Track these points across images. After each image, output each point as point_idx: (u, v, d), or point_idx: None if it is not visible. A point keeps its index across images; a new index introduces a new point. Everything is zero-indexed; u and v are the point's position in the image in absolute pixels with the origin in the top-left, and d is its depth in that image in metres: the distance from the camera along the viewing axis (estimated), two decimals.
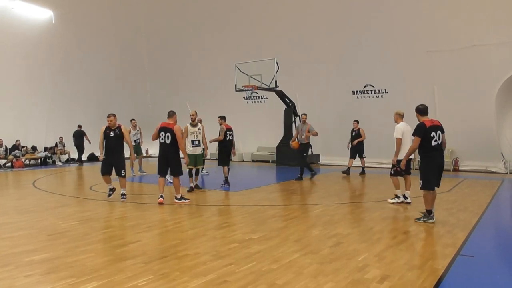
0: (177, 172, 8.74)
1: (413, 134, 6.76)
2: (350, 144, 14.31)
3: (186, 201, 8.77)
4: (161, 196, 8.71)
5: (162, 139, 8.66)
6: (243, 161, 20.57)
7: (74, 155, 20.33)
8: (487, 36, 14.14)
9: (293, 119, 17.72)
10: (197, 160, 10.21)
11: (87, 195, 9.98)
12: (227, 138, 11.10)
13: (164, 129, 8.65)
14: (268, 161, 19.45)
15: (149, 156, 24.42)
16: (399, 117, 8.56)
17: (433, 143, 6.59)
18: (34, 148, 19.41)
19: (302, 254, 5.08)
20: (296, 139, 12.61)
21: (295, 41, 18.19)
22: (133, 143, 13.22)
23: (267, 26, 18.86)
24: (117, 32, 21.60)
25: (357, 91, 17.52)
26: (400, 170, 7.95)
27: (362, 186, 11.58)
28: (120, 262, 4.80)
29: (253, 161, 20.22)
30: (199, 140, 10.18)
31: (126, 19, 21.53)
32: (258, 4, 18.93)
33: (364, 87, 17.33)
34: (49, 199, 9.46)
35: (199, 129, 10.26)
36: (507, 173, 13.93)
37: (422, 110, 6.87)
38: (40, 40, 19.20)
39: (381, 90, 16.95)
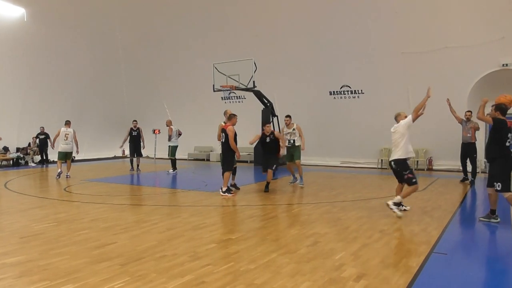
0: (225, 167, 10.02)
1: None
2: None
3: (230, 194, 9.69)
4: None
5: (222, 138, 10.07)
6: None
7: (52, 156, 19.96)
8: (459, 39, 14.50)
9: (271, 119, 17.78)
10: None
11: (62, 197, 9.78)
12: (132, 134, 15.62)
13: (223, 130, 10.10)
14: (246, 161, 19.45)
15: (125, 157, 24.16)
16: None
17: (507, 144, 6.63)
18: (5, 149, 18.91)
19: (280, 254, 5.11)
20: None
21: (273, 41, 18.25)
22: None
23: (244, 26, 18.86)
24: (92, 31, 21.18)
25: (334, 92, 17.71)
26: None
27: (338, 185, 11.71)
28: (95, 264, 4.73)
29: None
30: None
31: (101, 18, 21.13)
32: (236, 5, 18.91)
33: (341, 87, 17.53)
34: (22, 201, 9.23)
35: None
36: (478, 172, 14.29)
37: (505, 110, 6.73)
38: (12, 38, 18.67)
39: (358, 90, 17.18)
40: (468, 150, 11.83)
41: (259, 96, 17.40)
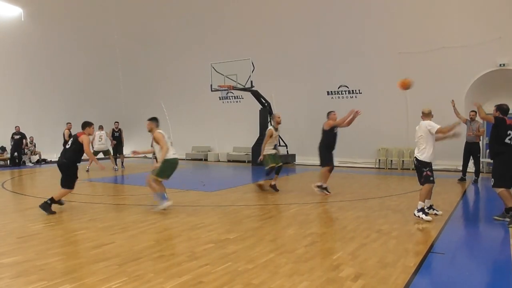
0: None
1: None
2: None
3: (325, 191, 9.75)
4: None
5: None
6: (219, 161, 20.50)
7: (46, 155, 19.90)
8: (456, 39, 14.52)
9: (268, 119, 17.78)
10: None
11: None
12: (114, 135, 16.81)
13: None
14: (244, 161, 19.44)
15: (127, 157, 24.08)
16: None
17: (506, 141, 6.85)
18: (2, 149, 18.85)
19: (278, 254, 5.11)
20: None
21: (270, 41, 18.24)
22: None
23: (242, 26, 18.85)
24: (89, 31, 21.10)
25: (331, 92, 17.72)
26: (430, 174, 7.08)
27: (336, 185, 11.70)
28: (93, 264, 4.72)
29: (229, 161, 20.17)
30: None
31: (99, 18, 21.10)
32: (234, 5, 18.90)
33: (339, 87, 17.54)
34: (19, 201, 9.22)
35: None
36: (483, 172, 14.30)
37: (506, 110, 7.08)
38: (9, 38, 18.63)
39: (355, 90, 17.18)
40: (472, 150, 12.03)
41: (257, 96, 17.40)
